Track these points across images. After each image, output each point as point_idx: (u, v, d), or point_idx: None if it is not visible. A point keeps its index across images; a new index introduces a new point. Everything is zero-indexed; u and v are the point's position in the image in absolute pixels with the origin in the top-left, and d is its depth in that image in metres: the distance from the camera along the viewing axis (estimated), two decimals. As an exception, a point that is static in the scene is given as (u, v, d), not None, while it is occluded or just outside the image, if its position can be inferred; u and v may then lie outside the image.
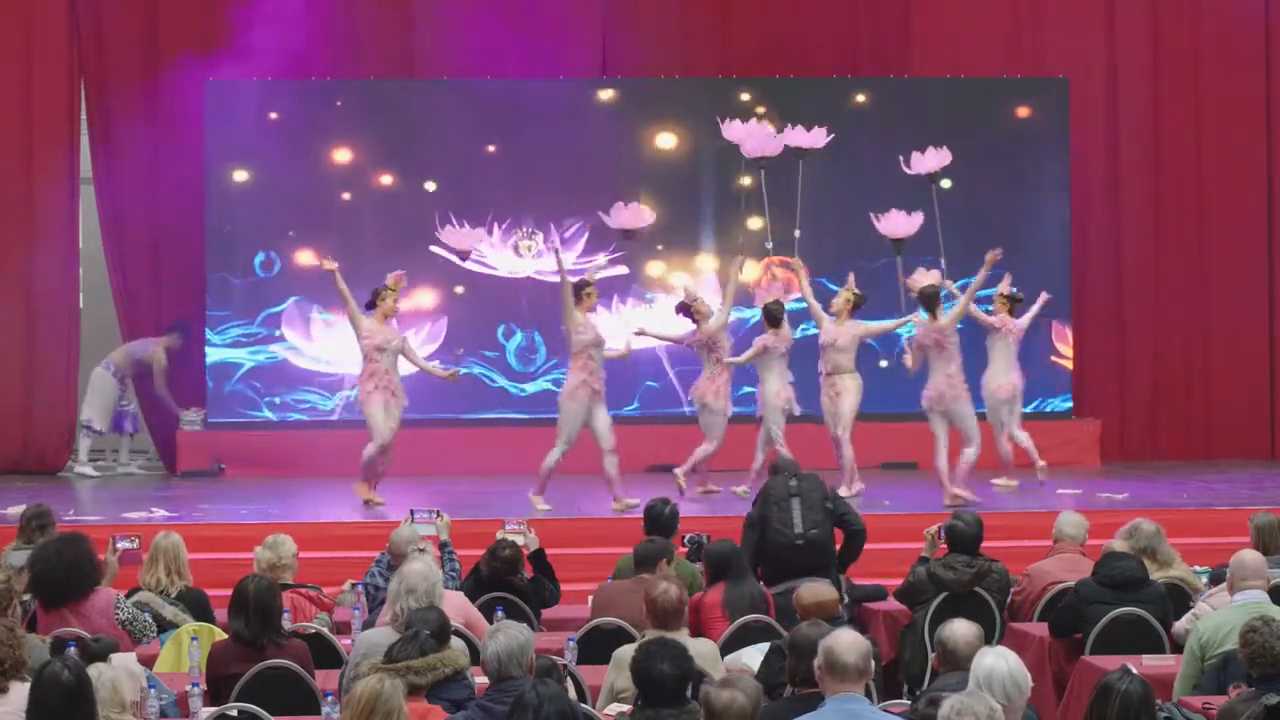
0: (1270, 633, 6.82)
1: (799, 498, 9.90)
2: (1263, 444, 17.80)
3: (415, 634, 6.69)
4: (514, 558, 9.38)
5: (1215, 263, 17.74)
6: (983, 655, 5.98)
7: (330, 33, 17.10)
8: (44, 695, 5.83)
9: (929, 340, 13.55)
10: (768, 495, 10.06)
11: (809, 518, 9.83)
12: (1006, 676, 5.88)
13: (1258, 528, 9.43)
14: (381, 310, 13.62)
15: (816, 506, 9.91)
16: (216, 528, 12.61)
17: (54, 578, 8.13)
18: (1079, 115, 17.44)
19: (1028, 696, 5.95)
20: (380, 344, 13.54)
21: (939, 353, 13.52)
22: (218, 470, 16.46)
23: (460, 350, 15.97)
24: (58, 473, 16.87)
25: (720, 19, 17.57)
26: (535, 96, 17.08)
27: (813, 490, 9.97)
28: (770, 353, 13.83)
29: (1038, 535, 10.86)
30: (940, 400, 13.52)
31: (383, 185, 16.99)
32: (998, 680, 5.86)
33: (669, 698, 6.09)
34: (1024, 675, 5.93)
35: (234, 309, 16.88)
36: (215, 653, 7.57)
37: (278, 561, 9.06)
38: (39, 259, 16.86)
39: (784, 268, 15.92)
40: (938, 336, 13.50)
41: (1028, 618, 9.49)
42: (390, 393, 13.59)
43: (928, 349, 13.59)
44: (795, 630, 6.54)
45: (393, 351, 13.63)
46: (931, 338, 13.53)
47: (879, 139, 16.89)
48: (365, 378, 13.66)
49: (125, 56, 17.10)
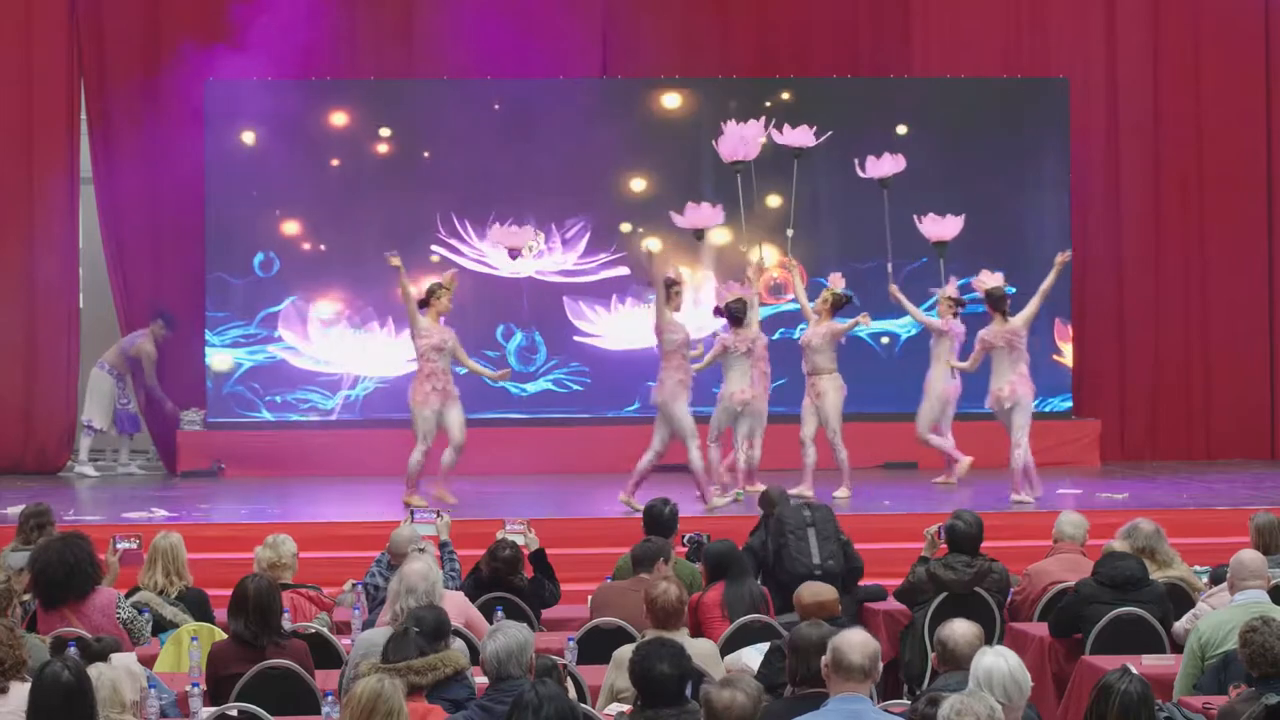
0: (1270, 633, 6.82)
1: (814, 528, 9.92)
2: (1263, 444, 17.80)
3: (405, 630, 6.70)
4: (514, 558, 9.38)
5: (1215, 262, 17.74)
6: (983, 654, 5.98)
7: (330, 32, 17.09)
8: (44, 695, 5.83)
9: (1000, 341, 13.62)
10: (782, 525, 10.05)
11: (825, 548, 9.89)
12: (1007, 675, 5.88)
13: (1258, 528, 9.43)
14: (435, 309, 13.41)
15: (831, 537, 9.99)
16: (216, 528, 12.60)
17: (54, 577, 8.12)
18: (1079, 115, 17.44)
19: (1028, 696, 5.96)
20: (438, 344, 13.35)
21: (1009, 353, 13.58)
22: (218, 470, 16.47)
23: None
24: (58, 473, 16.87)
25: (720, 19, 17.57)
26: (535, 96, 17.08)
27: (827, 521, 10.05)
28: (731, 352, 13.71)
29: (1038, 535, 10.86)
30: (1012, 397, 13.55)
31: (383, 185, 16.97)
32: (998, 679, 5.87)
33: (669, 698, 6.09)
34: (1024, 675, 5.93)
35: (233, 309, 16.88)
36: (215, 653, 7.57)
37: (278, 561, 9.06)
38: (39, 259, 16.86)
39: (781, 268, 15.93)
40: (1009, 337, 13.58)
41: (1028, 618, 9.49)
42: (446, 394, 13.38)
43: (996, 349, 13.64)
44: (795, 630, 6.54)
45: (449, 351, 13.45)
46: (1003, 338, 13.60)
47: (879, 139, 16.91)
48: (422, 378, 13.39)
49: (125, 56, 17.10)
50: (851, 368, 14.56)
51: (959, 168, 17.12)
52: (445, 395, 13.37)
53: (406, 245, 16.74)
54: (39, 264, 16.85)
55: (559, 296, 16.78)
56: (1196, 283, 17.79)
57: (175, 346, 17.07)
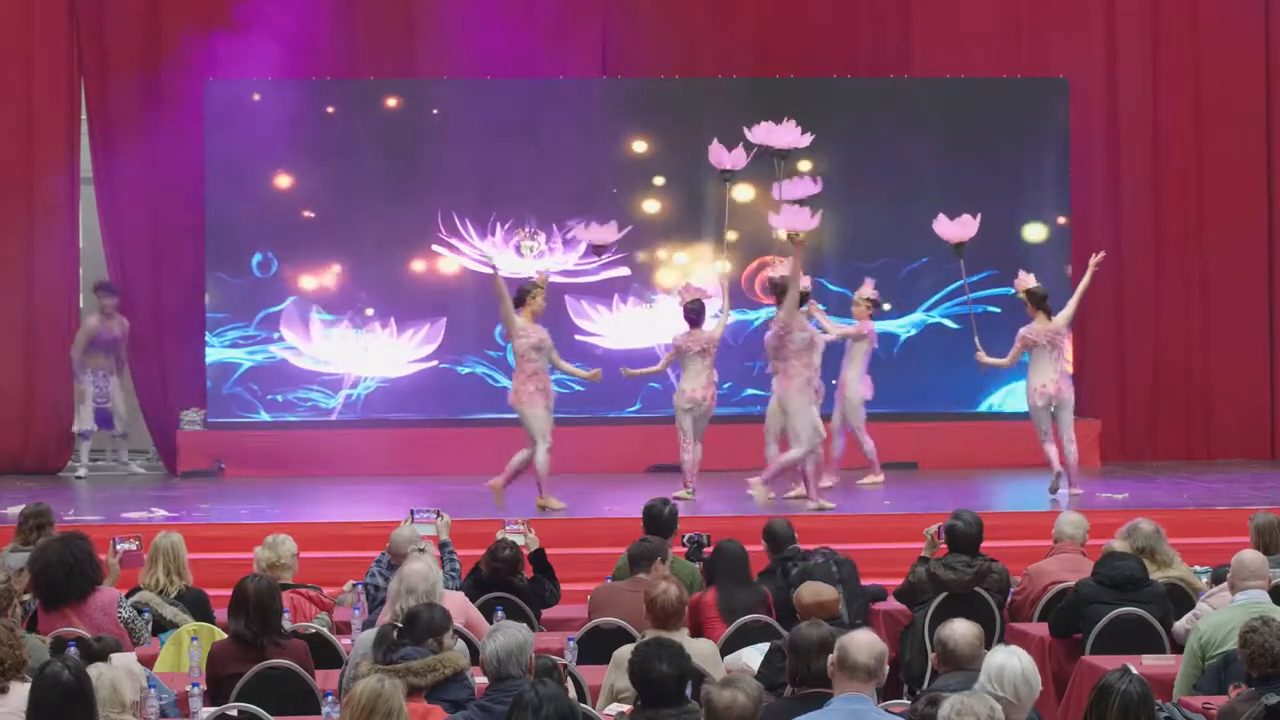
0: (1270, 633, 6.82)
1: (842, 584, 9.42)
2: (1263, 444, 17.79)
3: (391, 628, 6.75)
4: (514, 558, 9.37)
5: (1215, 263, 17.73)
6: (996, 652, 5.99)
7: (330, 33, 17.08)
8: (44, 695, 5.83)
9: (1043, 339, 13.75)
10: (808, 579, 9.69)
11: (853, 606, 9.43)
12: (1019, 674, 5.89)
13: (1258, 528, 9.43)
14: (530, 309, 13.30)
15: (858, 595, 9.61)
16: (216, 528, 12.61)
17: (55, 578, 8.11)
18: (1079, 115, 17.43)
19: (1036, 698, 5.95)
20: (537, 343, 13.26)
21: (1051, 350, 13.73)
22: (218, 470, 16.47)
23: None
24: (58, 473, 16.87)
25: (720, 19, 17.55)
26: (535, 96, 17.08)
27: (853, 577, 9.64)
28: (685, 352, 13.76)
29: (1038, 535, 10.86)
30: (1058, 395, 13.70)
31: (383, 185, 16.97)
32: (1009, 677, 5.88)
33: (668, 698, 6.09)
34: (1035, 675, 5.93)
35: (232, 309, 16.88)
36: (215, 653, 7.57)
37: (278, 561, 9.06)
38: (39, 258, 16.87)
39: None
40: (1052, 336, 13.73)
41: (1028, 618, 9.48)
42: (548, 393, 13.35)
43: (1038, 347, 13.76)
44: (795, 630, 6.53)
45: (546, 350, 13.40)
46: (1046, 337, 13.74)
47: (879, 138, 16.93)
48: (525, 378, 13.25)
49: (125, 56, 17.09)
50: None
51: (959, 168, 17.12)
52: (547, 394, 13.35)
53: (407, 245, 16.83)
54: (39, 263, 16.85)
55: (561, 296, 16.77)
56: (1196, 283, 17.78)
57: (176, 346, 17.07)
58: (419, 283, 17.05)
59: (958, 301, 14.76)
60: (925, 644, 8.95)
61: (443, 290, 17.06)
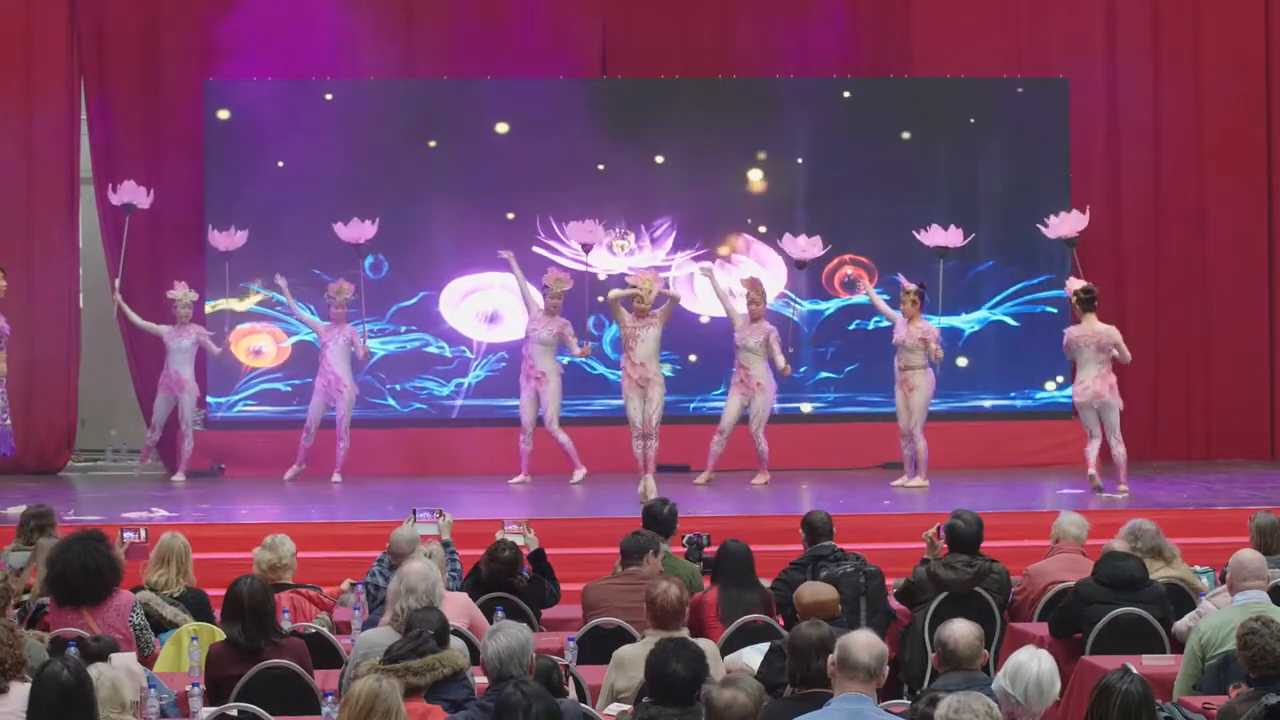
0: (1269, 634, 6.81)
1: (866, 597, 9.31)
2: (1263, 444, 17.79)
3: (419, 634, 6.69)
4: (514, 558, 9.36)
5: (1215, 262, 17.74)
6: (1021, 651, 5.99)
7: (330, 33, 17.09)
8: (44, 695, 5.83)
9: (1091, 341, 13.83)
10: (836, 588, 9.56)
11: (873, 620, 9.15)
12: (1033, 677, 5.88)
13: (1258, 528, 9.42)
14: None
15: (880, 609, 9.38)
16: (216, 528, 12.59)
17: (74, 581, 8.08)
18: (1079, 115, 17.43)
19: (1049, 706, 5.94)
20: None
21: (1098, 353, 13.84)
22: (218, 470, 16.46)
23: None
24: (58, 473, 16.88)
25: (720, 19, 17.56)
26: (535, 96, 17.07)
27: (879, 590, 9.42)
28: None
29: (1038, 535, 10.85)
30: (1100, 397, 13.87)
31: (382, 185, 16.96)
32: (1023, 677, 5.88)
33: (678, 698, 6.08)
34: (1051, 683, 5.90)
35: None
36: (213, 655, 7.56)
37: (277, 562, 9.04)
38: (39, 259, 16.86)
39: (854, 264, 16.12)
40: (1100, 339, 13.83)
41: (1028, 618, 9.48)
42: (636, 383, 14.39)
43: (1084, 350, 13.88)
44: (795, 630, 6.53)
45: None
46: (1094, 339, 13.82)
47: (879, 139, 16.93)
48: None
49: (125, 56, 17.10)
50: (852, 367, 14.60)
51: (959, 168, 17.11)
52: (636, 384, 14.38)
53: (407, 244, 16.81)
54: (39, 265, 16.85)
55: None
56: (1196, 283, 17.78)
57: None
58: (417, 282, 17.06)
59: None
60: (925, 644, 8.95)
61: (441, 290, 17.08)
